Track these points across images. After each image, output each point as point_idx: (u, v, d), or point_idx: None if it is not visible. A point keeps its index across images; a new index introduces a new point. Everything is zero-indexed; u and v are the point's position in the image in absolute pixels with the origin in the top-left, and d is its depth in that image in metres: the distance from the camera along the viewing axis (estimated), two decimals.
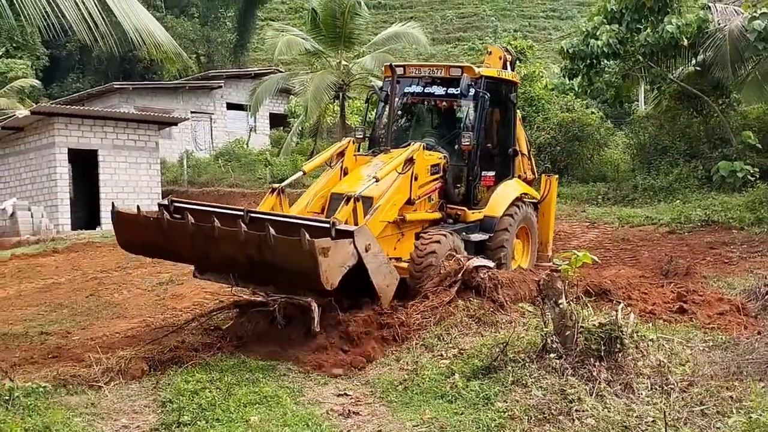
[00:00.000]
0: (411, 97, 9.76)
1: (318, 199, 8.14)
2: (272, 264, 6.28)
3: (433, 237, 7.96)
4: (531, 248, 10.14)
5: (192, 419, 5.03)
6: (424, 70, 9.61)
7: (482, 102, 9.05)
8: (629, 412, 4.64)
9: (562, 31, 48.39)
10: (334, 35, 24.82)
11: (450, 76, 9.25)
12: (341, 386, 5.80)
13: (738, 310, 7.16)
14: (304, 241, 5.89)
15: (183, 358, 6.31)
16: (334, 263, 6.11)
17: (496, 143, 9.78)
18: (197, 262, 7.24)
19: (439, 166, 8.81)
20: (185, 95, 30.63)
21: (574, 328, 5.41)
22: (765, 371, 5.33)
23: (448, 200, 9.03)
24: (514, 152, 10.02)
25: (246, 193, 23.25)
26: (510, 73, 10.19)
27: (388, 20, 45.65)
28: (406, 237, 8.27)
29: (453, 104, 9.60)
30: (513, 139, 10.15)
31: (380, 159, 8.56)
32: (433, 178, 8.71)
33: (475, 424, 4.77)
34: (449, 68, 9.39)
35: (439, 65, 9.77)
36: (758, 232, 12.47)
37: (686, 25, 15.63)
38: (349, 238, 6.30)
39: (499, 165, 9.72)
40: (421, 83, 9.58)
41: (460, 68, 9.27)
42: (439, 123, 9.92)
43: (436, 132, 9.69)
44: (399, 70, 9.29)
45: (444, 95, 9.44)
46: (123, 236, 7.56)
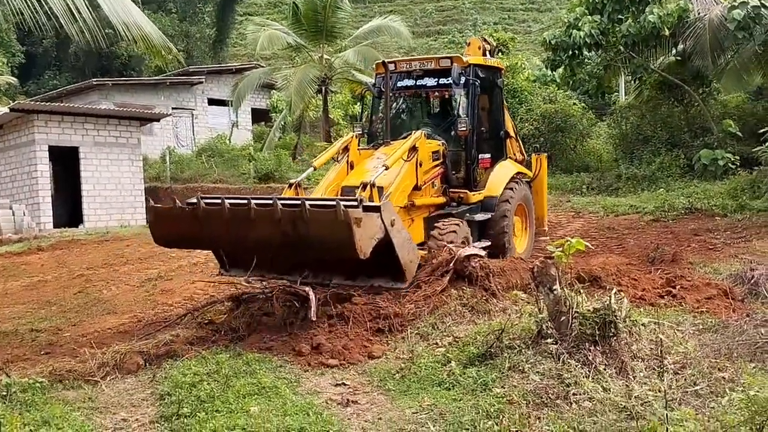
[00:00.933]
0: (404, 90, 10.15)
1: (329, 194, 8.34)
2: (307, 239, 6.54)
3: (450, 224, 8.47)
4: (529, 224, 10.73)
5: (191, 411, 5.03)
6: (415, 63, 9.98)
7: (473, 89, 9.54)
8: (626, 394, 4.70)
9: (541, 24, 48.66)
10: (316, 29, 24.79)
11: (440, 67, 9.66)
12: (338, 376, 5.82)
13: (725, 294, 7.26)
14: (340, 212, 6.20)
15: (178, 352, 6.30)
16: (366, 234, 6.37)
17: (489, 127, 10.27)
18: (232, 247, 7.38)
19: (439, 152, 9.23)
20: (166, 91, 30.39)
21: (569, 314, 5.47)
22: (755, 352, 5.43)
23: (450, 184, 9.47)
24: (505, 134, 10.58)
25: (230, 189, 23.13)
26: (496, 60, 10.80)
27: (367, 14, 45.66)
28: (415, 222, 8.70)
29: (445, 93, 10.02)
30: (503, 122, 10.67)
31: (382, 152, 8.92)
32: (436, 164, 9.14)
33: (474, 409, 4.81)
34: (439, 60, 9.81)
35: (428, 58, 10.16)
36: (740, 218, 12.66)
37: (667, 15, 15.80)
38: (377, 212, 6.58)
39: (493, 147, 10.22)
40: (412, 76, 9.91)
41: (449, 59, 9.68)
42: (434, 112, 10.43)
43: (432, 121, 10.12)
44: (391, 66, 9.66)
45: (436, 86, 9.85)
46: (159, 230, 7.69)
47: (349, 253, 6.36)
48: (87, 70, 36.41)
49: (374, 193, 7.55)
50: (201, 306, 7.90)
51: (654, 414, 4.28)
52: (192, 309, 7.90)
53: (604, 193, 17.13)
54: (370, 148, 9.39)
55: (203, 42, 42.90)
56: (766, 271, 7.52)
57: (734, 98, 19.77)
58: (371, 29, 26.59)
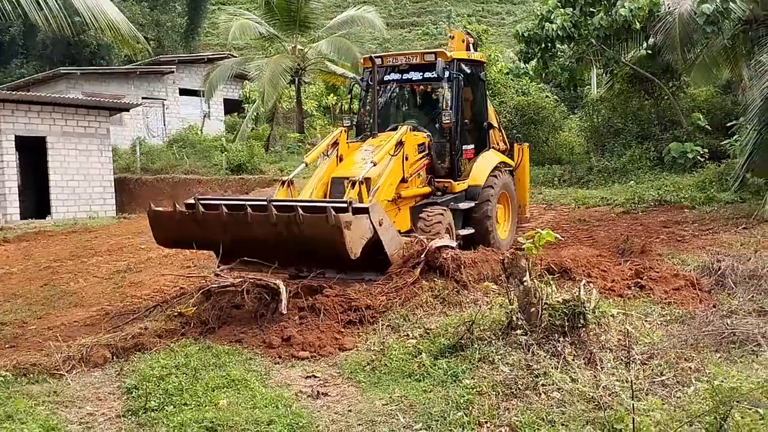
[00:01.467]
0: (391, 84, 10.47)
1: (321, 186, 8.78)
2: (301, 240, 6.94)
3: (436, 211, 8.96)
4: (511, 211, 11.14)
5: (159, 405, 4.96)
6: (401, 58, 10.32)
7: (456, 82, 9.91)
8: (594, 384, 4.74)
9: (515, 16, 48.84)
10: (289, 19, 24.62)
11: (425, 61, 9.99)
12: (309, 368, 5.79)
13: (693, 286, 7.36)
14: (331, 217, 6.65)
15: (146, 345, 6.22)
16: (356, 235, 6.84)
17: (472, 119, 10.65)
18: (231, 246, 7.49)
19: (425, 144, 9.57)
20: (136, 81, 29.99)
21: (539, 305, 5.51)
22: (720, 343, 5.52)
23: (435, 175, 9.81)
24: (488, 125, 10.98)
25: (202, 180, 22.95)
26: (478, 54, 11.10)
27: (341, 4, 45.40)
28: (401, 211, 9.18)
29: (430, 87, 10.47)
30: (486, 113, 11.01)
31: (370, 143, 9.35)
32: (421, 156, 9.48)
33: (444, 400, 4.82)
34: (423, 54, 10.22)
35: (414, 53, 10.63)
36: (708, 210, 12.85)
37: (638, 9, 15.91)
38: (365, 213, 7.03)
39: (476, 138, 10.62)
40: (398, 71, 10.24)
41: (433, 54, 10.02)
42: (419, 105, 10.78)
43: (417, 113, 10.55)
44: (378, 61, 10.03)
45: (421, 79, 10.22)
46: (160, 233, 8.00)
47: (341, 252, 6.80)
48: (55, 59, 35.73)
49: (363, 190, 7.93)
50: (170, 298, 7.82)
51: (621, 404, 4.32)
52: (161, 301, 7.82)
53: (576, 186, 17.28)
54: (359, 141, 9.76)
55: (174, 31, 42.35)
56: (733, 262, 7.64)
57: (703, 92, 20.02)
58: (345, 20, 26.45)
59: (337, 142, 9.29)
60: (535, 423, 4.36)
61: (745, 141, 12.94)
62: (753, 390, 4.19)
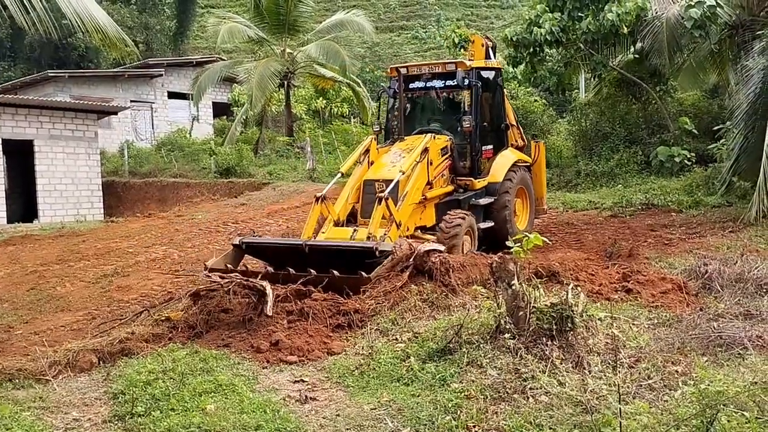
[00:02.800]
0: (415, 91, 11.29)
1: (354, 192, 9.63)
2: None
3: (457, 215, 9.66)
4: (529, 205, 11.85)
5: (146, 410, 4.94)
6: (424, 68, 11.20)
7: (475, 89, 10.67)
8: (582, 388, 4.75)
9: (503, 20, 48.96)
10: (278, 23, 24.57)
11: (446, 70, 10.85)
12: (297, 373, 5.78)
13: (680, 289, 7.39)
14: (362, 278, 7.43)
15: (133, 350, 6.19)
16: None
17: (491, 121, 11.36)
18: None
19: (447, 147, 10.42)
20: (124, 84, 29.87)
21: (527, 309, 5.51)
22: (707, 346, 5.54)
23: (457, 174, 10.64)
24: (506, 126, 11.74)
25: (191, 183, 22.86)
26: (494, 61, 11.98)
27: (331, 8, 45.40)
28: (427, 209, 10.00)
29: (451, 94, 11.31)
30: (503, 115, 11.79)
31: (398, 147, 10.27)
32: (444, 158, 10.34)
33: (432, 405, 4.82)
34: (445, 64, 11.11)
35: (436, 63, 11.64)
36: (695, 214, 12.92)
37: (626, 14, 16.00)
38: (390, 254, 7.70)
39: (494, 139, 11.34)
40: (422, 79, 11.08)
41: (454, 63, 10.96)
42: (441, 110, 11.51)
43: (440, 118, 11.34)
44: (403, 71, 10.99)
45: (443, 87, 11.01)
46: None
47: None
48: (43, 62, 35.54)
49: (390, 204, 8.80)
50: (158, 303, 7.78)
51: (608, 408, 4.33)
52: (149, 306, 7.78)
53: (564, 189, 17.34)
54: (388, 145, 10.57)
55: (163, 34, 42.21)
56: (719, 266, 7.67)
57: (690, 96, 20.14)
58: (334, 23, 26.44)
59: (368, 149, 10.12)
60: (523, 427, 4.36)
61: (731, 145, 13.03)
62: (739, 393, 4.21)
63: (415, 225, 9.59)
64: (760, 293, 6.86)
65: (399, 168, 9.44)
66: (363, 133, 28.33)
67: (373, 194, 9.01)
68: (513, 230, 10.59)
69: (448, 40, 26.61)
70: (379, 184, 9.01)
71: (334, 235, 8.89)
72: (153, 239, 14.20)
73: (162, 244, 13.54)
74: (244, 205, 18.31)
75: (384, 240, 8.25)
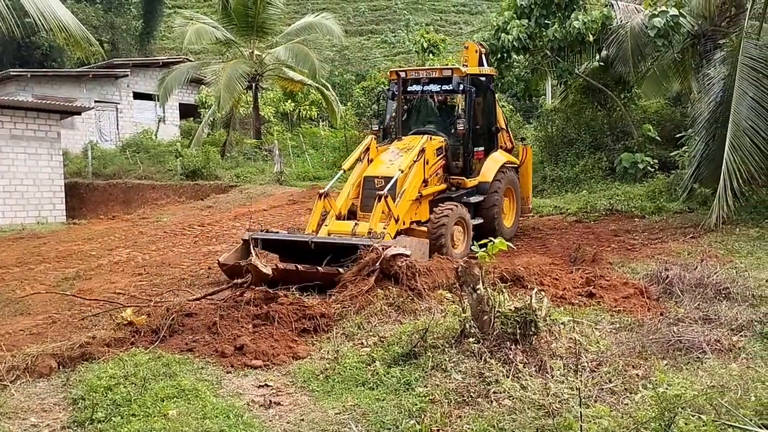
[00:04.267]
0: (413, 94, 11.94)
1: (355, 188, 10.36)
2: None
3: (445, 209, 10.23)
4: (516, 204, 12.57)
5: (106, 415, 4.86)
6: (422, 73, 11.96)
7: (469, 94, 11.35)
8: (544, 392, 4.80)
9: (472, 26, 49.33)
10: (246, 25, 24.41)
11: (442, 75, 11.58)
12: (261, 377, 5.74)
13: (641, 294, 7.52)
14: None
15: (94, 354, 6.08)
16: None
17: (482, 124, 12.07)
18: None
19: (442, 148, 11.11)
20: (89, 84, 29.40)
21: (491, 313, 5.56)
22: (667, 350, 5.64)
23: (450, 173, 11.35)
24: (496, 129, 12.44)
25: (156, 185, 22.58)
26: (487, 68, 12.80)
27: (300, 11, 45.28)
28: (422, 205, 10.69)
29: (446, 98, 12.01)
30: (495, 119, 12.49)
31: (395, 146, 10.96)
32: (439, 158, 11.01)
33: (397, 409, 4.83)
34: (441, 70, 11.85)
35: (433, 68, 12.61)
36: (658, 220, 13.15)
37: (591, 22, 16.24)
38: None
39: (486, 141, 12.03)
40: (420, 83, 11.75)
41: (450, 69, 11.67)
42: (437, 113, 12.14)
43: (435, 119, 11.97)
44: (402, 74, 11.75)
45: (439, 91, 11.74)
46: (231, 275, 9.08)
47: None
48: (5, 61, 34.78)
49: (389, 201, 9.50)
50: (121, 306, 7.65)
51: (570, 411, 4.38)
52: (110, 309, 7.65)
53: None
54: (386, 144, 11.22)
55: (129, 34, 41.64)
56: (680, 271, 7.82)
57: (654, 104, 20.49)
58: (303, 26, 26.35)
59: (368, 147, 10.82)
60: (487, 431, 4.40)
61: (693, 152, 13.29)
62: (697, 397, 4.29)
63: (411, 219, 10.29)
64: (718, 298, 7.01)
65: (397, 166, 10.15)
66: (332, 137, 28.29)
67: (372, 190, 9.89)
68: (501, 227, 11.54)
69: (416, 45, 26.82)
70: (378, 180, 9.97)
71: (336, 229, 9.62)
72: (116, 242, 13.99)
73: (126, 246, 13.35)
74: (210, 208, 18.14)
75: (384, 234, 9.05)
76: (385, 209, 9.52)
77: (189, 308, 6.96)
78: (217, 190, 21.06)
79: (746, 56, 11.75)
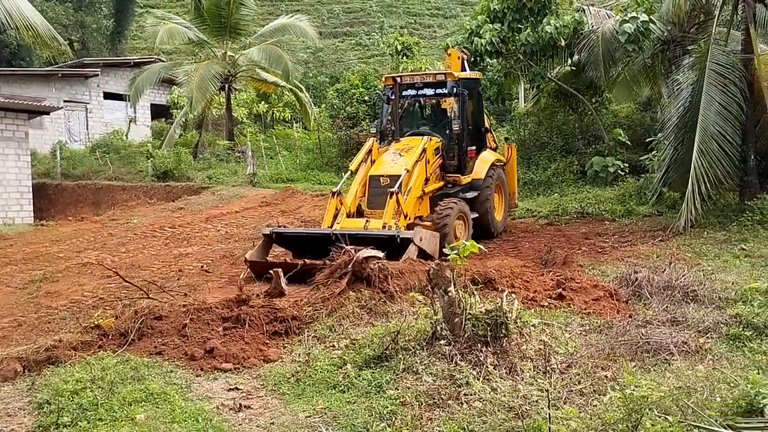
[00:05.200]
0: (408, 98, 12.53)
1: (361, 187, 10.95)
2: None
3: (448, 204, 11.03)
4: (504, 199, 13.23)
5: (72, 420, 4.78)
6: (417, 78, 12.63)
7: (462, 97, 12.06)
8: (514, 394, 4.83)
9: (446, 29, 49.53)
10: (220, 25, 24.27)
11: (436, 80, 12.29)
12: (232, 381, 5.69)
13: (611, 296, 7.58)
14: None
15: (61, 358, 5.97)
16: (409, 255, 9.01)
17: (473, 125, 12.72)
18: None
19: (439, 147, 11.76)
20: (58, 83, 28.98)
21: (462, 315, 5.58)
22: (636, 352, 5.70)
23: (446, 171, 12.01)
24: (485, 130, 13.19)
25: (126, 186, 22.30)
26: (477, 73, 13.74)
27: (274, 12, 45.15)
28: (424, 201, 11.42)
29: (440, 101, 12.62)
30: (483, 120, 13.24)
31: (394, 147, 11.57)
32: (437, 157, 11.70)
33: (368, 411, 4.82)
34: (435, 75, 12.58)
35: (427, 73, 13.27)
36: (628, 223, 13.30)
37: (563, 27, 16.42)
38: (410, 241, 9.17)
39: (477, 141, 12.70)
40: (415, 87, 12.44)
41: (444, 74, 12.42)
42: (431, 115, 12.99)
43: (429, 122, 12.77)
44: (398, 80, 12.21)
45: (434, 94, 12.47)
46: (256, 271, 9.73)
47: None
48: None
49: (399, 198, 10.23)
50: (88, 309, 7.54)
51: (539, 413, 4.41)
52: (78, 312, 7.53)
53: None
54: (386, 145, 11.80)
55: (100, 33, 41.12)
56: (649, 273, 7.91)
57: (624, 108, 20.77)
58: (277, 27, 26.26)
59: (371, 150, 11.48)
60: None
61: (662, 156, 13.47)
62: (663, 398, 4.35)
63: (414, 215, 10.86)
64: (686, 300, 7.10)
65: (402, 165, 10.82)
66: (305, 139, 28.20)
67: (378, 188, 10.69)
68: (493, 221, 12.46)
69: (391, 48, 26.87)
70: (383, 179, 10.72)
71: (348, 226, 10.04)
72: (85, 243, 13.79)
73: (95, 248, 13.16)
74: (182, 210, 17.97)
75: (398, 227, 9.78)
76: (395, 206, 10.19)
77: (158, 311, 6.87)
78: (188, 192, 20.87)
79: (714, 62, 11.95)
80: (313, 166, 24.02)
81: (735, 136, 11.68)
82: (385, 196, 10.28)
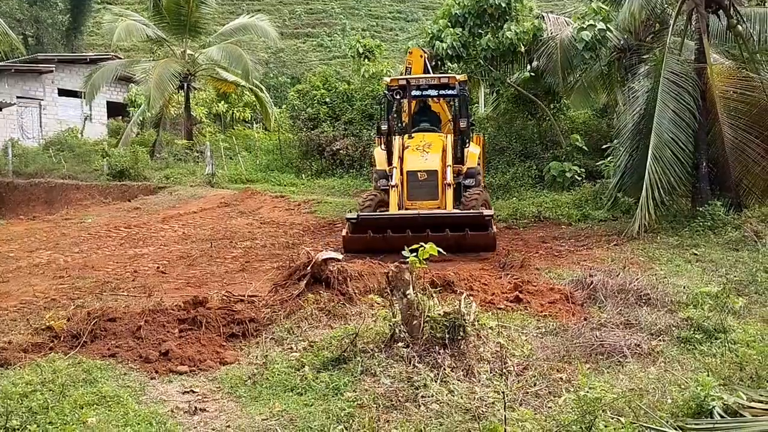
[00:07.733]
0: (415, 98, 13.78)
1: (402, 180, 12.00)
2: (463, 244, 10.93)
3: (475, 191, 12.44)
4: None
5: (21, 424, 4.65)
6: (422, 80, 13.85)
7: (464, 97, 13.65)
8: (471, 396, 4.86)
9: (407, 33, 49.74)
10: (179, 23, 23.98)
11: (440, 82, 13.62)
12: (187, 383, 5.61)
13: (567, 299, 7.69)
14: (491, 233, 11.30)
15: (10, 360, 5.84)
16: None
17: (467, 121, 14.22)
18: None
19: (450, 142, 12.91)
20: (10, 78, 28.28)
21: (421, 318, 5.60)
22: (590, 354, 5.80)
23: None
24: (471, 124, 14.30)
25: (81, 185, 21.84)
26: (463, 75, 14.66)
27: (235, 11, 44.74)
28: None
29: (443, 101, 14.27)
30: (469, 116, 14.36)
31: (412, 143, 12.58)
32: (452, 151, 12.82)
33: (325, 414, 4.80)
34: (439, 78, 13.88)
35: (432, 76, 14.41)
36: (584, 227, 13.52)
37: (523, 33, 16.61)
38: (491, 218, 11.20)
39: (466, 135, 13.77)
40: (420, 89, 13.65)
41: (447, 77, 13.73)
42: (434, 113, 14.38)
43: (432, 119, 14.02)
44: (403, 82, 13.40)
45: (438, 95, 13.96)
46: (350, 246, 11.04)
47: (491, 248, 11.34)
48: None
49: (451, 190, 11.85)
50: (39, 310, 7.37)
51: (495, 415, 4.45)
52: (29, 313, 7.35)
53: None
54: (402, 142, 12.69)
55: (55, 29, 40.32)
56: (604, 277, 8.04)
57: (582, 114, 21.09)
58: (237, 27, 26.04)
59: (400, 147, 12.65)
60: None
61: (618, 162, 13.71)
62: (616, 399, 4.43)
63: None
64: (639, 304, 7.23)
65: (435, 161, 12.06)
66: (266, 139, 27.99)
67: (416, 182, 11.88)
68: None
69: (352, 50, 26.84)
70: (420, 174, 11.89)
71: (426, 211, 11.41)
72: (37, 243, 13.48)
73: (47, 248, 12.87)
74: (138, 209, 17.68)
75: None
76: (452, 195, 11.70)
77: (112, 313, 6.75)
78: (145, 192, 20.54)
79: (668, 71, 12.21)
80: (273, 167, 23.86)
81: (688, 144, 11.95)
82: (424, 188, 11.78)
